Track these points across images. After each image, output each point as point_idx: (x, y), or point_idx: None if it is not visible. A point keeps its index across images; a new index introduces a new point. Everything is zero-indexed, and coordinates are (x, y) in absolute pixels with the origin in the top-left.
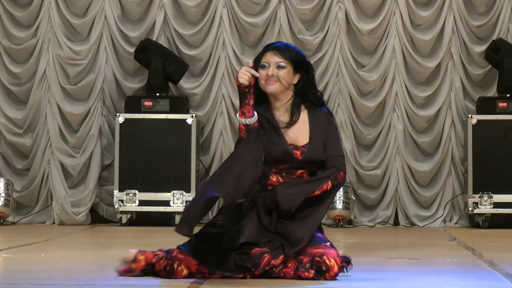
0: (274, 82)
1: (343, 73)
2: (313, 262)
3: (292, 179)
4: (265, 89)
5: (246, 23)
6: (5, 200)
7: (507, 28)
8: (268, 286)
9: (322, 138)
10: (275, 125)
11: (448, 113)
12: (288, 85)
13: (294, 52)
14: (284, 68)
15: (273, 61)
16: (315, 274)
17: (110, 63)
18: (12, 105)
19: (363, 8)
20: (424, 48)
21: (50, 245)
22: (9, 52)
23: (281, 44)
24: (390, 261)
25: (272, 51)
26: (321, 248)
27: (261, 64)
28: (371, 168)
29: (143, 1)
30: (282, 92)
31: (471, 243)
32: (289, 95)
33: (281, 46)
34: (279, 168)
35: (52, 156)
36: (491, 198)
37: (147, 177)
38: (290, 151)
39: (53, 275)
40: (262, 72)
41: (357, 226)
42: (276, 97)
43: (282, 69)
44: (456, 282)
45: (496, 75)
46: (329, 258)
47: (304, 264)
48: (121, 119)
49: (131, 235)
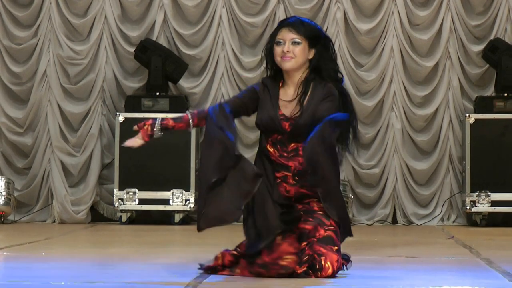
0: (290, 58)
1: (341, 72)
2: (310, 257)
3: (287, 151)
4: (281, 66)
5: (245, 23)
6: (6, 199)
7: (505, 28)
8: (266, 286)
9: (315, 110)
10: (273, 95)
11: (446, 112)
12: (303, 62)
13: (310, 27)
14: (299, 44)
15: (288, 38)
16: (305, 271)
17: (110, 62)
18: (13, 104)
19: (362, 8)
20: (422, 47)
21: (50, 244)
22: (10, 51)
23: (295, 19)
24: (388, 259)
25: (287, 27)
26: (325, 249)
27: (276, 41)
28: (369, 166)
29: (143, 1)
30: (297, 69)
31: (469, 241)
32: (301, 71)
33: (295, 21)
34: (272, 138)
35: (52, 155)
36: (488, 197)
37: (147, 176)
38: (277, 119)
39: (53, 273)
40: (277, 48)
41: (355, 224)
42: (290, 74)
43: (297, 45)
44: (453, 280)
45: (494, 74)
46: (326, 260)
47: (303, 256)
48: (121, 118)
49: (131, 234)
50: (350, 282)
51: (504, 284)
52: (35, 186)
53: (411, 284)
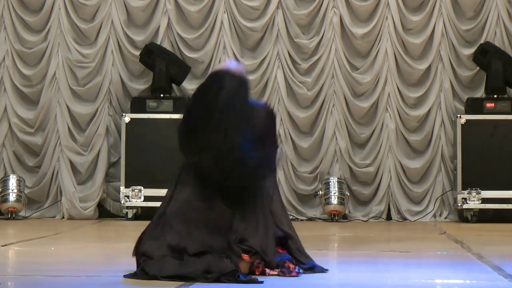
0: None
1: (337, 75)
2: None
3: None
4: None
5: (245, 28)
6: (17, 195)
7: (494, 32)
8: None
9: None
10: None
11: (438, 113)
12: None
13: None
14: None
15: None
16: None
17: (116, 65)
18: (23, 105)
19: (357, 13)
20: (415, 51)
21: (59, 239)
22: (21, 55)
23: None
24: (382, 253)
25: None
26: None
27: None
28: (364, 165)
29: (148, 6)
30: None
31: (460, 236)
32: None
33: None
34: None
35: (61, 154)
36: (479, 194)
37: (152, 173)
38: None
39: (62, 267)
40: None
41: (351, 220)
42: None
43: None
44: (445, 274)
45: (484, 77)
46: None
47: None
48: (127, 119)
49: (136, 229)
50: (346, 276)
51: (494, 278)
52: (44, 184)
53: (405, 277)
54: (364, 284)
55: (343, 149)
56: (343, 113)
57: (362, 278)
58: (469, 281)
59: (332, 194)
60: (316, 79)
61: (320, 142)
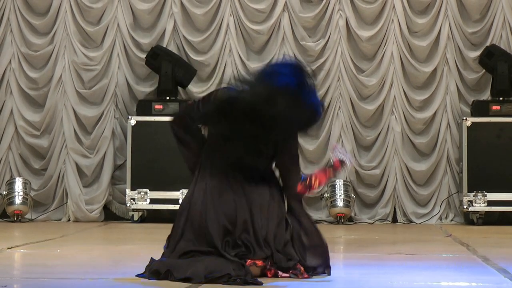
0: None
1: (343, 77)
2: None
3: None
4: None
5: (251, 30)
6: (23, 198)
7: (500, 35)
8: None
9: None
10: None
11: (444, 115)
12: None
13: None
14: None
15: None
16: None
17: (122, 68)
18: (30, 108)
19: (363, 16)
20: (420, 54)
21: (65, 241)
22: (27, 58)
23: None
24: (388, 256)
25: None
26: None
27: None
28: (370, 168)
29: (154, 9)
30: None
31: (466, 239)
32: None
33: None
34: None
35: (67, 157)
36: (485, 197)
37: (158, 176)
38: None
39: (68, 270)
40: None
41: (357, 223)
42: None
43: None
44: (451, 277)
45: (490, 79)
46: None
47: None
48: (133, 121)
49: (142, 232)
50: (351, 278)
51: (500, 280)
52: (51, 186)
53: (410, 280)
54: (370, 287)
55: (349, 151)
56: (349, 115)
57: (368, 280)
58: (475, 283)
59: (338, 196)
60: (322, 81)
61: (326, 144)
